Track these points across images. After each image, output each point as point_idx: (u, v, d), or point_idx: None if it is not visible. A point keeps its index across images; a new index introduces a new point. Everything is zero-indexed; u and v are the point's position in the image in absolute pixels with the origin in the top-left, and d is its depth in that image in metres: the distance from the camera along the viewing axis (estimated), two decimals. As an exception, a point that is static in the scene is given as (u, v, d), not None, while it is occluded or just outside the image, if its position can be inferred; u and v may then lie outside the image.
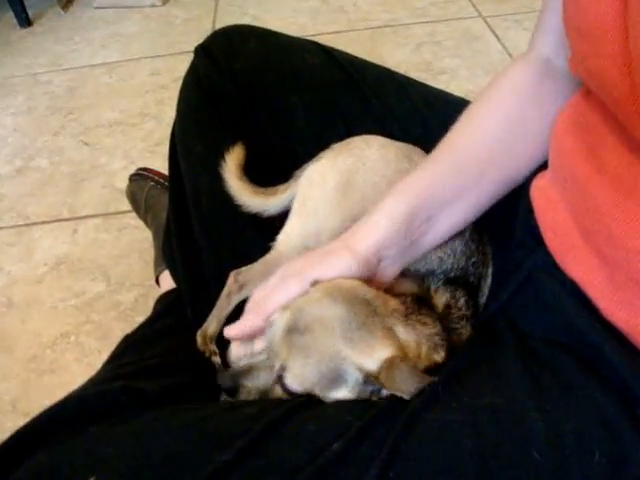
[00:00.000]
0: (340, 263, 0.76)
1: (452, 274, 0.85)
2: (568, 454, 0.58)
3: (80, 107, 2.22)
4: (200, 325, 0.95)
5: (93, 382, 0.74)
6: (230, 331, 0.78)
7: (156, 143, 1.96)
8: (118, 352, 0.93)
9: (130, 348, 0.92)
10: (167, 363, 0.83)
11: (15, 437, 0.63)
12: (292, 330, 0.70)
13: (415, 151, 0.96)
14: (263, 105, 1.03)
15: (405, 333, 0.72)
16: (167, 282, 1.24)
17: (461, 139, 0.84)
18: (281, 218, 0.97)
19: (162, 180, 1.43)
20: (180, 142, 1.05)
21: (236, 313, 0.94)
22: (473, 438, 0.59)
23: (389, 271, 0.81)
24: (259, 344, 0.76)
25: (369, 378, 0.68)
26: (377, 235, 0.78)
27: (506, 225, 0.88)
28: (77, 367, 1.29)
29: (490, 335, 0.77)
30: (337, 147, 0.96)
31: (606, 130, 0.68)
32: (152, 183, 1.43)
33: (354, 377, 0.69)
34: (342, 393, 0.70)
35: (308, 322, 0.70)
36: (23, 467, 0.58)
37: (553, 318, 0.73)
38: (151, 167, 1.62)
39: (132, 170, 1.69)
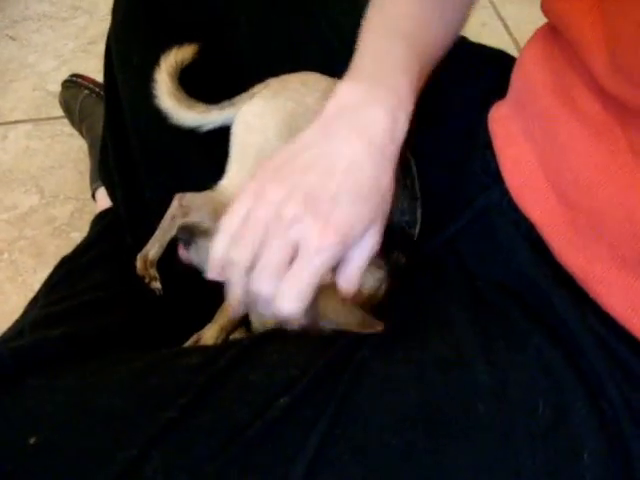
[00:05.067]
0: None
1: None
2: (512, 407, 0.59)
3: (5, -4, 2.05)
4: (140, 249, 0.92)
5: (30, 323, 0.71)
6: None
7: (89, 41, 1.83)
8: (55, 280, 0.90)
9: (67, 277, 0.88)
10: (106, 298, 0.81)
11: None
12: None
13: None
14: (206, 19, 0.96)
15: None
16: (104, 198, 1.19)
17: None
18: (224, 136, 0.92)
19: (97, 89, 1.35)
20: (116, 52, 0.98)
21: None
22: (419, 393, 0.59)
23: None
24: None
25: None
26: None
27: (456, 158, 0.86)
28: (10, 286, 1.24)
29: (437, 274, 0.76)
30: (273, 85, 0.91)
31: (577, 72, 0.66)
32: (86, 91, 1.35)
33: None
34: None
35: None
36: None
37: (504, 261, 0.72)
38: (85, 69, 1.53)
39: (64, 71, 1.60)
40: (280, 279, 0.60)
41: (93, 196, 1.27)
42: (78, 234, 1.30)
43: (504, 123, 0.78)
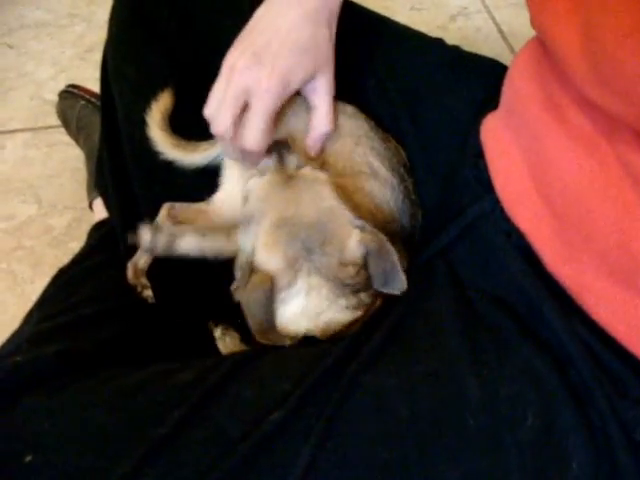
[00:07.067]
0: None
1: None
2: (502, 419, 0.60)
3: (2, 3, 2.05)
4: (132, 259, 0.93)
5: (27, 339, 0.72)
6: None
7: (87, 49, 1.84)
8: (50, 292, 0.90)
9: (62, 289, 0.89)
10: (100, 311, 0.81)
11: None
12: None
13: (344, 114, 0.91)
14: (198, 28, 0.96)
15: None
16: (101, 209, 1.19)
17: None
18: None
19: (94, 99, 1.36)
20: (112, 67, 0.99)
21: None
22: (410, 405, 0.60)
23: None
24: None
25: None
26: None
27: (449, 167, 0.87)
28: (10, 296, 1.24)
29: (429, 284, 0.77)
30: None
31: (564, 85, 0.67)
32: (83, 102, 1.36)
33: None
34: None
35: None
36: None
37: (495, 271, 0.73)
38: (83, 77, 1.54)
39: (62, 79, 1.60)
40: (237, 114, 0.79)
41: (90, 206, 1.28)
42: (76, 244, 1.30)
43: (495, 134, 0.78)
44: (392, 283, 0.74)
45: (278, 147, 0.80)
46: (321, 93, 0.83)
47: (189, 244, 0.85)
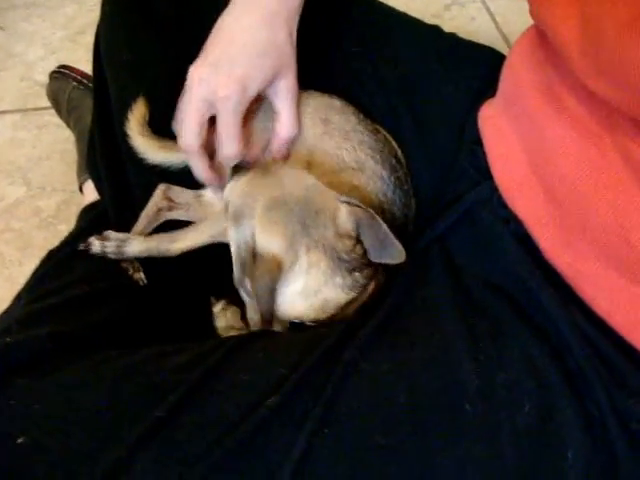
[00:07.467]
0: None
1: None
2: (499, 406, 0.60)
3: (-9, -16, 2.03)
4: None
5: (17, 320, 0.71)
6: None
7: (77, 31, 1.81)
8: (40, 273, 0.89)
9: (52, 270, 0.88)
10: (92, 292, 0.80)
11: None
12: None
13: (332, 108, 0.90)
14: (195, 14, 0.95)
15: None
16: (91, 192, 1.18)
17: None
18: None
19: (85, 80, 1.34)
20: (105, 48, 0.97)
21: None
22: (407, 392, 0.60)
23: None
24: None
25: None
26: None
27: (446, 155, 0.87)
28: (-3, 279, 1.23)
29: (426, 271, 0.77)
30: None
31: (563, 74, 0.67)
32: (74, 83, 1.34)
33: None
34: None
35: None
36: None
37: (492, 258, 0.73)
38: (73, 58, 1.52)
39: (52, 61, 1.58)
40: (200, 126, 0.78)
41: (80, 189, 1.26)
42: (65, 226, 1.29)
43: (494, 122, 0.78)
44: (389, 253, 0.74)
45: None
46: (283, 96, 0.81)
47: (136, 247, 0.88)
